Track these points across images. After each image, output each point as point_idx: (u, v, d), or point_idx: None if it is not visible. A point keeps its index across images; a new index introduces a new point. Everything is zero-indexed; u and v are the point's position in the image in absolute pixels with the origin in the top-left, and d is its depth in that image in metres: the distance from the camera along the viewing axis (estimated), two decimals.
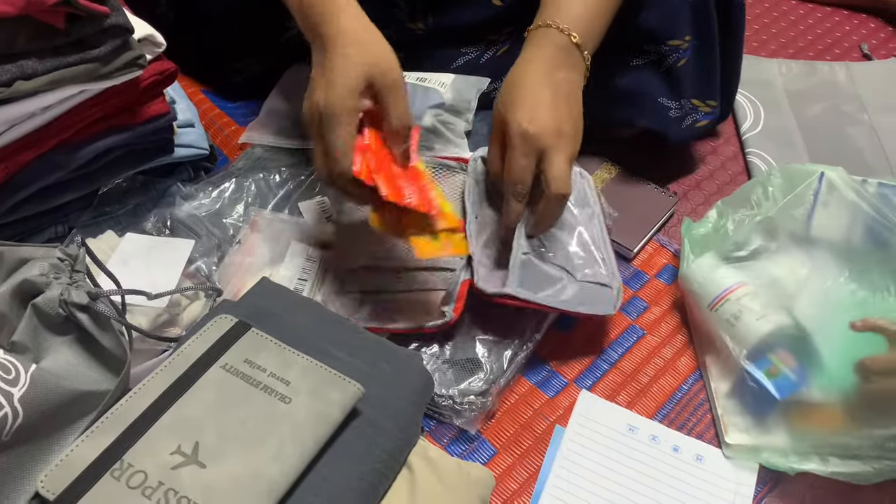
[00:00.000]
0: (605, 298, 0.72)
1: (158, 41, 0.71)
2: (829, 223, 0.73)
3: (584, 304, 0.70)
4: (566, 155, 0.67)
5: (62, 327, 0.53)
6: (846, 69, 1.07)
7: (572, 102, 0.70)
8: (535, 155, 0.67)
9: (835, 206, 0.72)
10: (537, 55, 0.70)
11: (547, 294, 0.70)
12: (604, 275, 0.73)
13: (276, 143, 0.87)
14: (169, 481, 0.47)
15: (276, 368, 0.54)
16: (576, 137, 0.69)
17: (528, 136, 0.66)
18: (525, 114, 0.67)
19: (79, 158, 0.70)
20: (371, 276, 0.74)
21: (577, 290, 0.71)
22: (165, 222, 0.77)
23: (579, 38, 0.69)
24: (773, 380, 0.64)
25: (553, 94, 0.68)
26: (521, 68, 0.70)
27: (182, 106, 0.83)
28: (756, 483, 0.65)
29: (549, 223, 0.71)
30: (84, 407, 0.52)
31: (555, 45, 0.69)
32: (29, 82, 0.61)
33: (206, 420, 0.50)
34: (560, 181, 0.67)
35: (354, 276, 0.74)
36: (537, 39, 0.70)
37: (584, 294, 0.71)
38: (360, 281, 0.73)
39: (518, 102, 0.68)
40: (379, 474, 0.54)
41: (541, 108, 0.67)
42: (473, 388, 0.67)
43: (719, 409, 0.69)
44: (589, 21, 0.70)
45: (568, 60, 0.70)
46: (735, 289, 0.69)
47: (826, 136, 0.98)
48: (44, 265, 0.54)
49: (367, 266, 0.74)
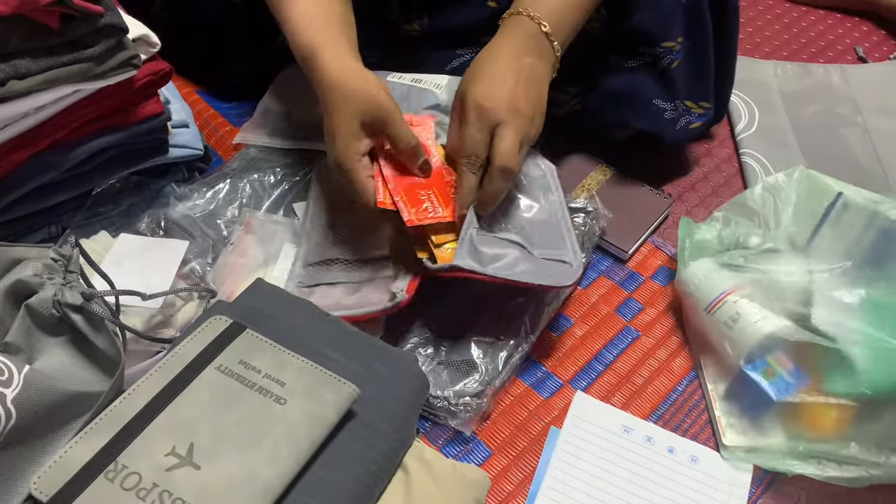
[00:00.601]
0: (563, 272, 0.70)
1: (153, 41, 0.71)
2: (832, 242, 0.72)
3: (539, 278, 0.68)
4: (518, 132, 0.67)
5: (56, 328, 0.53)
6: (841, 71, 1.08)
7: (533, 86, 0.70)
8: (489, 129, 0.68)
9: (845, 225, 0.72)
10: (507, 41, 0.71)
11: (497, 266, 0.68)
12: (564, 253, 0.72)
13: (270, 144, 0.87)
14: (163, 483, 0.47)
15: (271, 369, 0.54)
16: (532, 120, 0.69)
17: (482, 109, 0.67)
18: (483, 90, 0.68)
19: (72, 158, 0.70)
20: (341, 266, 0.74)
21: (532, 265, 0.70)
22: (159, 223, 0.77)
23: (550, 27, 0.70)
24: (770, 381, 0.64)
25: (515, 76, 0.69)
26: (488, 51, 0.71)
27: (176, 106, 0.83)
28: (751, 484, 0.65)
29: (493, 199, 0.70)
30: (78, 408, 0.51)
31: (525, 33, 0.70)
32: (23, 82, 0.61)
33: (200, 421, 0.50)
34: (505, 155, 0.67)
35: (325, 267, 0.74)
36: (509, 26, 0.71)
37: (539, 268, 0.70)
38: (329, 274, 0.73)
39: (479, 79, 0.69)
40: (374, 476, 0.54)
41: (500, 87, 0.68)
42: (468, 389, 0.67)
43: (717, 411, 0.69)
44: (562, 12, 0.71)
45: (536, 48, 0.70)
46: (732, 291, 0.69)
47: (820, 137, 0.98)
48: (37, 265, 0.53)
49: (336, 259, 0.74)
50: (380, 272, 0.72)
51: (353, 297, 0.71)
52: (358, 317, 0.67)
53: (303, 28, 0.70)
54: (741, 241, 0.76)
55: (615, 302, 0.79)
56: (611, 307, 0.79)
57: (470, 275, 0.66)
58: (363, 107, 0.67)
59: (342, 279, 0.73)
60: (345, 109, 0.67)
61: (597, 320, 0.77)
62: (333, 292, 0.71)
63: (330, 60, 0.68)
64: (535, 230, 0.74)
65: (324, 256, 0.74)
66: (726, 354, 0.69)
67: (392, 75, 0.88)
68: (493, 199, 0.70)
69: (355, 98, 0.67)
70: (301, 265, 0.74)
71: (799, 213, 0.75)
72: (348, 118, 0.67)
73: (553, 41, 0.71)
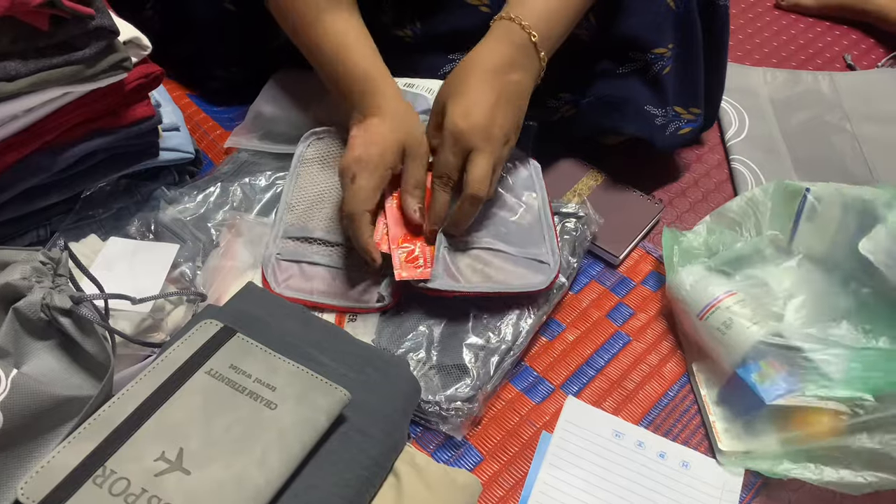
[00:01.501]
0: (540, 272, 0.72)
1: (144, 44, 0.70)
2: (812, 237, 0.74)
3: (515, 284, 0.71)
4: (490, 158, 0.68)
5: (44, 332, 0.53)
6: (829, 79, 1.08)
7: (512, 105, 0.70)
8: (463, 154, 0.69)
9: (819, 220, 0.73)
10: (495, 50, 0.70)
11: (474, 280, 0.71)
12: (543, 252, 0.74)
13: (261, 148, 0.87)
14: (152, 488, 0.46)
15: (262, 374, 0.54)
16: (507, 142, 0.71)
17: (458, 133, 0.68)
18: (462, 108, 0.68)
19: (62, 161, 0.69)
20: (322, 248, 0.75)
21: (508, 270, 0.72)
22: (149, 226, 0.76)
23: (538, 37, 0.70)
24: (763, 384, 0.65)
25: (497, 96, 0.69)
26: (476, 59, 0.71)
27: (168, 109, 0.82)
28: (741, 489, 0.65)
29: (464, 223, 0.71)
30: (66, 412, 0.51)
31: (513, 43, 0.70)
32: (11, 84, 0.60)
33: (190, 426, 0.50)
34: (477, 183, 0.68)
35: (307, 246, 0.75)
36: (498, 32, 0.71)
37: (516, 272, 0.72)
38: (311, 251, 0.74)
39: (460, 95, 0.69)
40: (365, 481, 0.53)
41: (479, 107, 0.68)
42: (460, 394, 0.67)
43: (711, 417, 0.69)
44: (548, 20, 0.71)
45: (524, 61, 0.70)
46: (724, 297, 0.70)
47: (809, 144, 0.99)
48: (26, 269, 0.53)
49: (320, 239, 0.75)
50: (364, 265, 0.73)
51: (334, 283, 0.73)
52: (337, 307, 0.71)
53: (358, 48, 0.73)
54: (726, 248, 0.77)
55: (606, 307, 0.79)
56: (602, 312, 0.79)
57: (447, 293, 0.70)
58: (412, 137, 0.70)
59: (322, 261, 0.74)
60: (396, 132, 0.69)
61: (588, 325, 0.77)
62: (314, 272, 0.73)
63: (393, 99, 0.72)
64: (515, 230, 0.75)
65: (304, 233, 0.75)
66: (719, 360, 0.69)
67: None
68: (465, 221, 0.71)
69: (408, 128, 0.70)
70: (281, 234, 0.75)
71: (776, 218, 0.77)
72: (396, 137, 0.69)
73: (540, 51, 0.71)
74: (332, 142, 0.82)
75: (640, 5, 0.79)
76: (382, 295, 0.71)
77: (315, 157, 0.81)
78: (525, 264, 0.73)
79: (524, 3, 0.71)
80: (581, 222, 0.79)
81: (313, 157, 0.81)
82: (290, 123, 0.87)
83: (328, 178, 0.79)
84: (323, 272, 0.73)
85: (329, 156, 0.81)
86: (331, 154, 0.81)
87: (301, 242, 0.75)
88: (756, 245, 0.75)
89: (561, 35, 0.73)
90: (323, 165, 0.80)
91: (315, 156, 0.81)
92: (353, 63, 0.72)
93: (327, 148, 0.82)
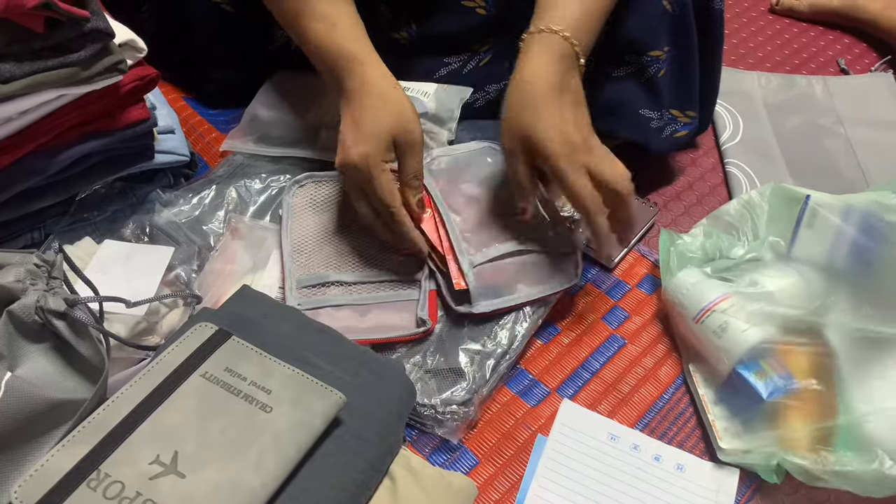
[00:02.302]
0: (567, 268, 0.75)
1: (139, 46, 0.70)
2: (812, 244, 0.74)
3: (546, 284, 0.74)
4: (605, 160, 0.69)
5: (38, 335, 0.52)
6: (823, 83, 1.09)
7: (584, 112, 0.71)
8: (585, 171, 0.67)
9: (818, 228, 0.73)
10: (549, 64, 0.68)
11: (511, 296, 0.72)
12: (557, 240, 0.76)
13: (257, 151, 0.87)
14: (147, 491, 0.46)
15: (257, 377, 0.54)
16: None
17: (572, 159, 0.67)
18: (556, 135, 0.66)
19: (57, 164, 0.69)
20: (340, 288, 0.74)
21: (537, 274, 0.74)
22: (144, 229, 0.76)
23: (579, 46, 0.69)
24: (762, 382, 0.65)
25: (573, 109, 0.69)
26: (535, 80, 0.68)
27: (163, 112, 0.82)
28: (737, 492, 0.66)
29: (632, 223, 0.71)
30: (60, 416, 0.51)
31: (559, 55, 0.69)
32: (6, 86, 0.60)
33: (185, 429, 0.50)
34: (621, 179, 0.68)
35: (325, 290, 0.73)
36: (542, 46, 0.69)
37: (543, 273, 0.74)
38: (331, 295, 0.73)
39: (543, 121, 0.67)
40: (360, 484, 0.53)
41: (568, 125, 0.67)
42: (456, 397, 0.67)
43: (710, 416, 0.69)
44: (585, 26, 0.71)
45: (573, 69, 0.70)
46: (720, 301, 0.70)
47: (803, 147, 0.99)
48: (20, 271, 0.53)
49: (337, 281, 0.74)
50: (389, 294, 0.73)
51: (366, 318, 0.72)
52: (383, 340, 0.70)
53: (344, 31, 0.71)
54: (724, 252, 0.77)
55: (601, 310, 0.79)
56: (597, 315, 0.79)
57: (492, 313, 0.72)
58: (402, 124, 0.69)
59: (345, 301, 0.73)
60: (384, 118, 0.68)
61: (583, 328, 0.77)
62: (341, 315, 0.72)
63: (377, 68, 0.70)
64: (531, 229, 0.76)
65: (319, 279, 0.73)
66: (716, 362, 0.69)
67: None
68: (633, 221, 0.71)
69: (397, 112, 0.69)
70: (296, 286, 0.73)
71: (774, 223, 0.77)
72: (384, 128, 0.68)
73: (580, 59, 0.70)
74: (314, 187, 0.80)
75: (636, 8, 0.79)
76: (423, 319, 0.71)
77: (303, 205, 0.79)
78: (549, 264, 0.74)
79: (558, 13, 0.70)
80: (576, 226, 0.79)
81: (302, 205, 0.79)
82: (286, 126, 0.87)
83: (323, 220, 0.78)
84: (350, 312, 0.72)
85: (316, 200, 0.80)
86: (318, 198, 0.80)
87: (318, 289, 0.73)
88: (755, 250, 0.75)
89: (595, 38, 0.73)
90: (314, 210, 0.79)
91: (303, 203, 0.79)
92: (339, 36, 0.70)
93: (312, 194, 0.80)
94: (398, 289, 0.74)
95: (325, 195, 0.80)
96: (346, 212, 0.78)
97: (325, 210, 0.79)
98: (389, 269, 0.75)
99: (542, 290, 0.73)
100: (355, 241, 0.76)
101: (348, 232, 0.77)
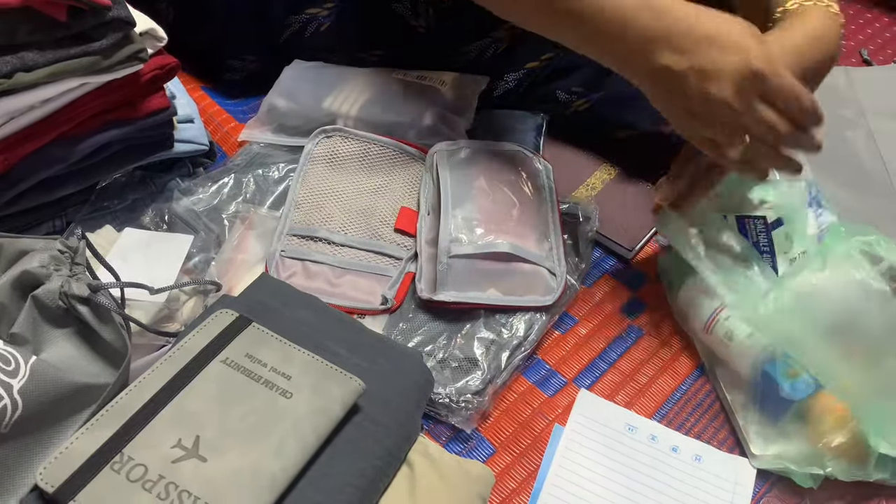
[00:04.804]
0: (546, 286, 0.73)
1: (160, 35, 0.71)
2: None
3: (520, 297, 0.72)
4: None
5: (62, 319, 0.53)
6: (845, 74, 1.08)
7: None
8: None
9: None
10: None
11: (479, 294, 0.72)
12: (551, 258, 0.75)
13: (275, 141, 0.87)
14: (169, 475, 0.47)
15: (277, 363, 0.54)
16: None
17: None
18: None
19: (78, 152, 0.69)
20: (326, 247, 0.75)
21: (514, 284, 0.73)
22: (163, 217, 0.76)
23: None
24: (792, 381, 0.64)
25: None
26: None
27: (182, 101, 0.82)
28: (755, 483, 0.65)
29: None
30: (84, 400, 0.51)
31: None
32: (29, 74, 0.61)
33: (206, 414, 0.50)
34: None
35: (311, 244, 0.75)
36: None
37: (521, 285, 0.73)
38: (315, 250, 0.75)
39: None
40: (379, 470, 0.54)
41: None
42: (470, 387, 0.67)
43: (740, 421, 0.68)
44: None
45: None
46: (719, 311, 0.70)
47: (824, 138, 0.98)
48: (44, 257, 0.53)
49: (324, 238, 0.75)
50: (369, 265, 0.74)
51: (337, 283, 0.73)
52: (344, 308, 0.70)
53: None
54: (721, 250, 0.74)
55: (619, 301, 0.79)
56: (615, 306, 0.78)
57: (456, 305, 0.71)
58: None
59: (325, 260, 0.74)
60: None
61: (601, 318, 0.77)
62: (317, 271, 0.73)
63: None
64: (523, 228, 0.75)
65: (309, 231, 0.75)
66: (735, 367, 0.69)
67: (396, 72, 0.88)
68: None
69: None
70: (286, 231, 0.75)
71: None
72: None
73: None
74: (340, 140, 0.82)
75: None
76: (386, 297, 0.72)
77: (323, 156, 0.81)
78: (534, 275, 0.73)
79: None
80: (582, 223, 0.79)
81: (321, 156, 0.81)
82: (303, 117, 0.87)
83: (335, 177, 0.79)
84: (326, 271, 0.73)
85: (337, 155, 0.81)
86: (339, 153, 0.81)
87: (305, 240, 0.75)
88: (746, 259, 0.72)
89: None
90: (331, 164, 0.80)
91: (323, 154, 0.81)
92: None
93: (335, 146, 0.81)
94: (379, 262, 0.75)
95: (347, 152, 0.81)
96: (360, 173, 0.79)
97: (342, 167, 0.80)
98: (380, 240, 0.76)
99: (513, 300, 0.72)
100: (359, 204, 0.78)
101: (356, 194, 0.78)
